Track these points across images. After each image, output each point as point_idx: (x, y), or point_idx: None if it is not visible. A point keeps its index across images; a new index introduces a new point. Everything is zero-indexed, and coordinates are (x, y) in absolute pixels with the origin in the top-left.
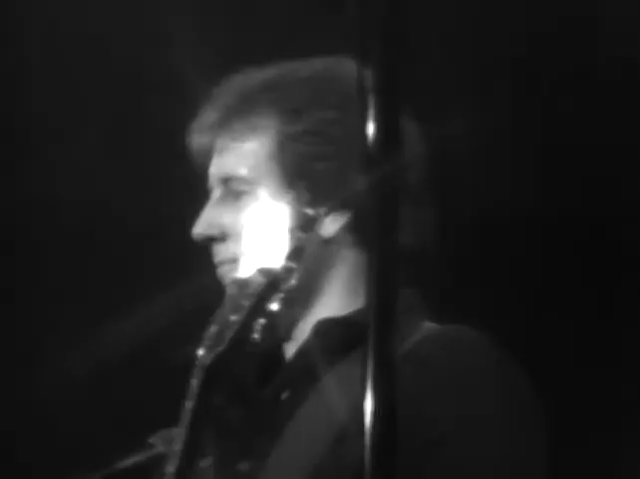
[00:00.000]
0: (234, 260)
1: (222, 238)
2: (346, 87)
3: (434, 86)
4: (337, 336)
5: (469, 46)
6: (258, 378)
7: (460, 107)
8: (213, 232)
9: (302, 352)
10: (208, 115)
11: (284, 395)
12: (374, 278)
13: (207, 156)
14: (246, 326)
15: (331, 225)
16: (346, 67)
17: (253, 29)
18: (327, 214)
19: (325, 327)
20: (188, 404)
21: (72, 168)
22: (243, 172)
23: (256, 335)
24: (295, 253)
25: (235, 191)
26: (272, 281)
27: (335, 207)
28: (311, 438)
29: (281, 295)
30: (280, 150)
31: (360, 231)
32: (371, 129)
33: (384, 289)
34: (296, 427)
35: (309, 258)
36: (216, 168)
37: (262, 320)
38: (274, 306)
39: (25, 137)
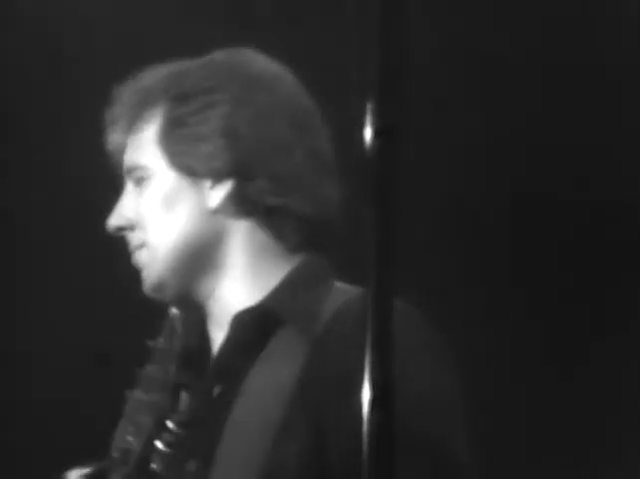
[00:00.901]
0: (142, 247)
1: (130, 226)
2: (237, 71)
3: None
4: (255, 328)
5: (467, 46)
6: (186, 373)
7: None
8: (122, 222)
9: (225, 348)
10: (113, 114)
11: (215, 391)
12: (372, 270)
13: (120, 154)
14: (148, 448)
15: (215, 195)
16: (243, 54)
17: (252, 29)
18: (211, 186)
19: (242, 321)
20: None
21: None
22: (140, 160)
23: (155, 464)
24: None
25: (137, 179)
26: (173, 394)
27: (218, 178)
28: (251, 435)
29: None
30: (165, 134)
31: (245, 198)
32: (368, 131)
33: (381, 278)
34: (235, 425)
35: (200, 232)
36: (124, 162)
37: (160, 444)
38: (173, 426)
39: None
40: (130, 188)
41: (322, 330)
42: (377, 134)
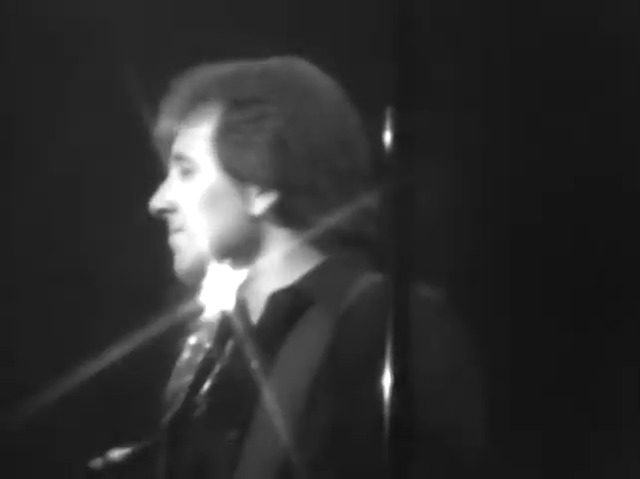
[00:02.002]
0: (180, 230)
1: (172, 209)
2: (291, 83)
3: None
4: (289, 307)
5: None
6: (219, 346)
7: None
8: (164, 204)
9: (261, 326)
10: (169, 105)
11: (253, 366)
12: (391, 265)
13: (169, 141)
14: (195, 390)
15: (260, 203)
16: (298, 65)
17: (251, 29)
18: (257, 194)
19: (277, 300)
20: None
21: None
22: (190, 152)
23: (203, 398)
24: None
25: (184, 169)
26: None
27: (264, 187)
28: (282, 407)
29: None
30: (219, 136)
31: (287, 211)
32: (388, 137)
33: (400, 274)
34: (268, 396)
35: (240, 234)
36: (174, 149)
37: (208, 384)
38: (217, 369)
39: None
40: (174, 174)
41: (347, 308)
42: (396, 138)
